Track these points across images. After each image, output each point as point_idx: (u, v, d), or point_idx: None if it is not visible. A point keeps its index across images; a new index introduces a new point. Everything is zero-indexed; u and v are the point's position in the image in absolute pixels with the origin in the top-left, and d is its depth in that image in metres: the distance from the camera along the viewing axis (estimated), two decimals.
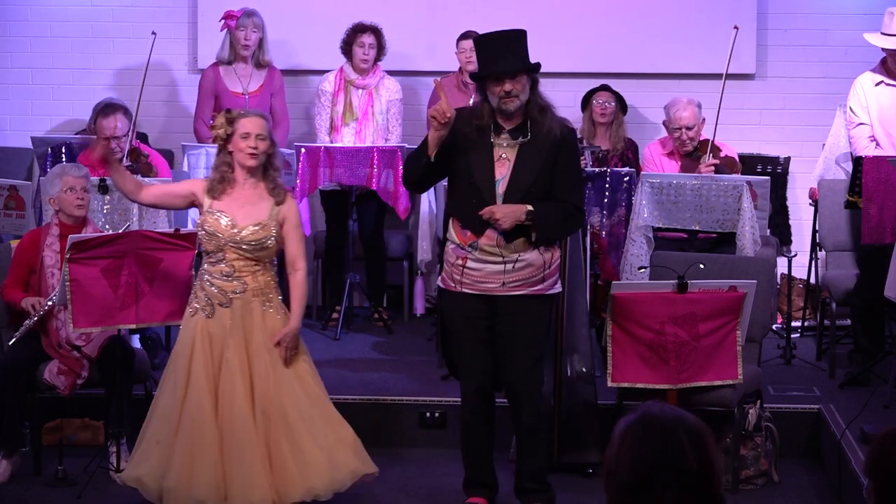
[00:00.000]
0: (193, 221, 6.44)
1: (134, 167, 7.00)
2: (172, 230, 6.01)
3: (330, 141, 7.87)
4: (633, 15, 8.52)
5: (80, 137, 7.56)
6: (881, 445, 2.90)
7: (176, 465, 5.19)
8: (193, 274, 5.60)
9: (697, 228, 6.92)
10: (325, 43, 8.18)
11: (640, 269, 6.63)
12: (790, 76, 8.54)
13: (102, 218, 6.71)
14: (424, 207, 8.12)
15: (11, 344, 5.97)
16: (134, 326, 5.82)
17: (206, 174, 6.35)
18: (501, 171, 5.25)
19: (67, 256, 5.62)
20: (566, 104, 8.33)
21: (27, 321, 5.91)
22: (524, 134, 5.26)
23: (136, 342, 6.52)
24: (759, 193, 6.91)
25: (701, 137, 7.26)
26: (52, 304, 5.86)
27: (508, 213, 5.19)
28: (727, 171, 7.09)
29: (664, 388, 5.62)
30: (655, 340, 5.60)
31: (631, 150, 7.93)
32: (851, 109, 7.09)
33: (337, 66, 8.00)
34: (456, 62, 8.01)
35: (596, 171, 7.05)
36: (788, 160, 8.01)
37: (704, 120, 7.25)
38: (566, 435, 5.99)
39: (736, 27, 7.18)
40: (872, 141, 7.02)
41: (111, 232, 6.18)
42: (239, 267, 5.27)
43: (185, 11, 8.70)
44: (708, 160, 7.08)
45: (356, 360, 7.26)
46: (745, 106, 8.39)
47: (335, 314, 7.86)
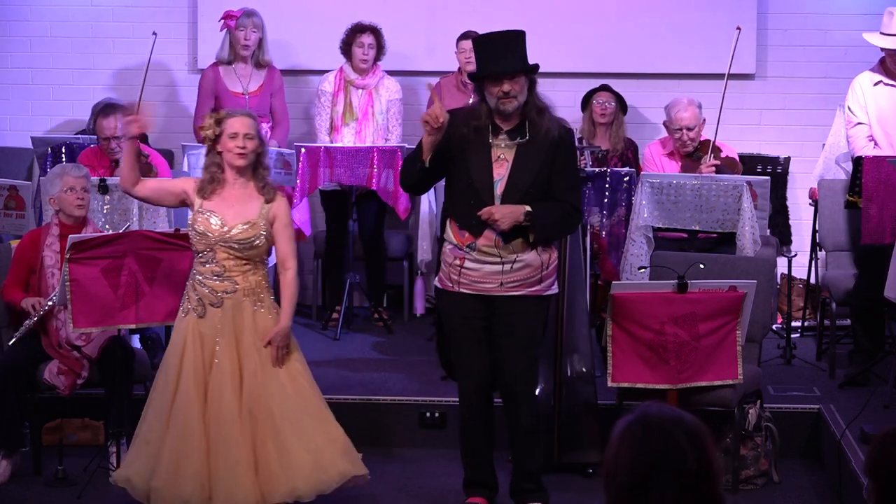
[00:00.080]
0: None
1: None
2: (172, 230, 6.01)
3: (330, 141, 7.87)
4: (632, 15, 8.52)
5: (81, 138, 7.58)
6: (881, 445, 2.91)
7: (163, 464, 5.19)
8: None
9: (697, 228, 6.91)
10: (324, 43, 8.18)
11: (640, 269, 6.63)
12: (790, 76, 8.54)
13: (102, 218, 6.71)
14: (424, 207, 8.12)
15: (11, 344, 5.97)
16: (134, 326, 5.82)
17: None
18: (500, 171, 5.24)
19: (67, 256, 5.62)
20: (566, 104, 8.33)
21: (27, 321, 5.91)
22: (522, 135, 5.25)
23: (136, 342, 6.52)
24: (759, 193, 6.91)
25: (701, 138, 7.26)
26: (52, 304, 5.87)
27: (507, 213, 5.18)
28: (728, 171, 7.08)
29: (664, 388, 5.62)
30: (655, 340, 5.60)
31: (631, 150, 7.93)
32: (850, 109, 7.09)
33: (336, 66, 8.00)
34: (456, 62, 8.01)
35: (596, 171, 7.05)
36: (788, 160, 8.01)
37: (705, 120, 7.24)
38: (566, 435, 5.99)
39: (739, 28, 7.17)
40: (871, 140, 7.01)
41: (111, 232, 6.19)
42: (229, 267, 5.27)
43: (185, 11, 8.70)
44: (709, 161, 7.07)
45: (356, 360, 7.26)
46: (745, 106, 8.39)
47: (335, 314, 7.86)
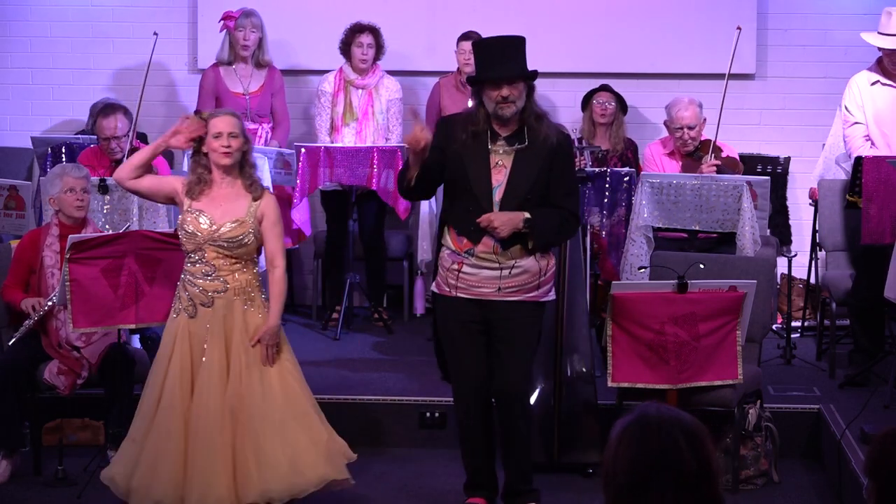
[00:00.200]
0: None
1: None
2: (172, 230, 6.01)
3: (330, 141, 7.87)
4: (633, 15, 8.52)
5: (81, 138, 7.57)
6: (881, 445, 2.91)
7: (142, 464, 5.20)
8: None
9: (697, 228, 6.91)
10: (324, 43, 8.18)
11: (640, 269, 6.62)
12: (790, 76, 8.54)
13: (102, 218, 6.71)
14: (424, 207, 8.11)
15: (11, 344, 5.97)
16: (134, 326, 5.82)
17: None
18: (498, 178, 5.24)
19: (67, 256, 5.62)
20: (566, 104, 8.35)
21: (27, 321, 5.91)
22: (521, 140, 5.24)
23: (136, 342, 6.51)
24: (759, 193, 6.91)
25: (702, 137, 7.26)
26: (52, 304, 5.87)
27: (506, 221, 5.17)
28: (729, 171, 7.08)
29: (664, 388, 5.62)
30: (655, 340, 5.60)
31: (630, 150, 7.93)
32: (847, 108, 7.09)
33: (336, 66, 7.99)
34: (455, 62, 8.01)
35: (596, 171, 7.05)
36: (788, 160, 8.00)
37: (706, 120, 7.25)
38: (566, 435, 5.99)
39: (739, 28, 7.17)
40: (867, 140, 7.01)
41: (111, 232, 6.19)
42: (219, 266, 5.26)
43: (185, 11, 8.70)
44: (710, 160, 7.07)
45: (356, 360, 7.26)
46: (745, 106, 8.38)
47: (335, 314, 7.85)
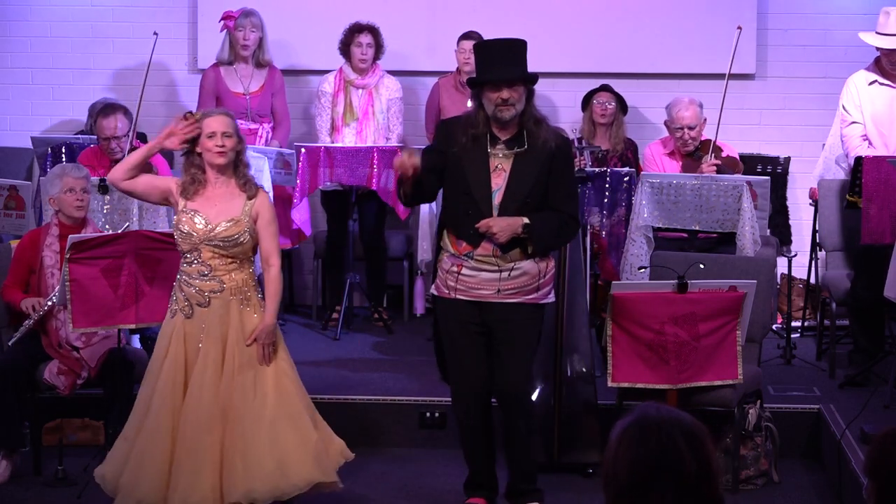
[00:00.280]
0: None
1: None
2: (172, 230, 6.00)
3: (331, 142, 7.87)
4: (633, 15, 8.51)
5: (81, 138, 7.57)
6: (881, 445, 2.91)
7: (131, 463, 5.21)
8: None
9: (697, 228, 6.91)
10: (324, 43, 8.18)
11: (640, 269, 6.62)
12: (790, 76, 8.54)
13: (102, 218, 6.71)
14: (424, 208, 8.10)
15: (11, 344, 5.97)
16: (134, 326, 5.83)
17: None
18: (497, 181, 5.24)
19: (67, 256, 5.62)
20: (566, 104, 8.35)
21: (27, 321, 5.91)
22: (520, 144, 5.25)
23: (136, 342, 6.51)
24: (759, 193, 6.90)
25: (702, 137, 7.26)
26: (51, 304, 5.87)
27: (505, 226, 5.17)
28: (729, 171, 7.08)
29: (664, 388, 5.62)
30: (655, 340, 5.60)
31: (630, 150, 7.93)
32: (844, 108, 7.09)
33: (336, 66, 8.00)
34: (455, 62, 8.01)
35: (596, 171, 7.05)
36: (788, 160, 8.00)
37: (706, 120, 7.25)
38: (566, 435, 5.99)
39: (739, 27, 7.17)
40: (865, 140, 7.01)
41: (111, 232, 6.19)
42: (215, 266, 5.26)
43: (184, 11, 8.70)
44: (710, 160, 7.07)
45: (356, 360, 7.26)
46: (745, 106, 8.38)
47: (335, 314, 7.85)
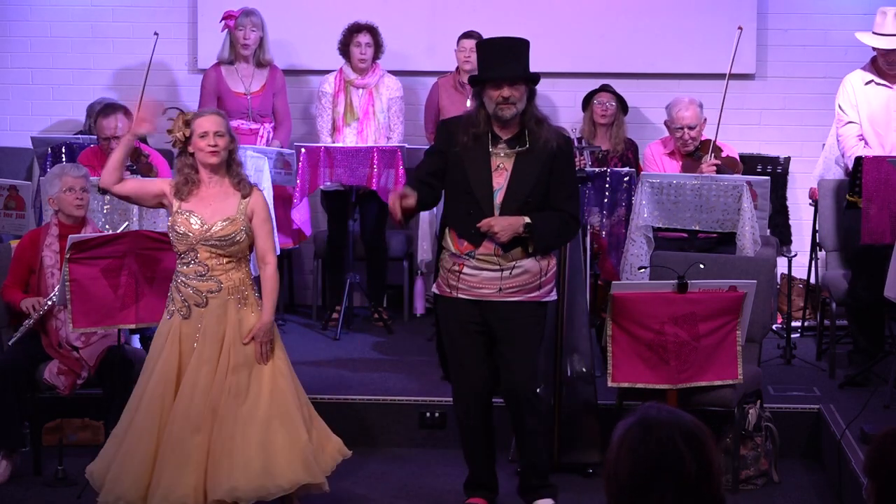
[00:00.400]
0: None
1: (134, 167, 7.00)
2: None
3: (332, 142, 7.87)
4: (633, 15, 8.51)
5: (81, 138, 7.57)
6: (881, 445, 2.90)
7: (116, 461, 5.21)
8: None
9: (697, 228, 6.91)
10: (324, 43, 8.18)
11: (640, 269, 6.62)
12: (790, 76, 8.54)
13: (102, 218, 6.71)
14: None
15: (11, 344, 5.97)
16: (134, 326, 5.83)
17: None
18: (499, 181, 5.24)
19: (67, 256, 5.62)
20: (566, 104, 8.35)
21: (27, 321, 5.91)
22: (522, 143, 5.25)
23: (136, 342, 6.52)
24: (759, 193, 6.90)
25: (702, 137, 7.26)
26: (51, 303, 5.87)
27: (507, 226, 5.18)
28: (728, 171, 7.09)
29: (664, 388, 5.62)
30: (655, 340, 5.60)
31: (631, 150, 7.92)
32: (840, 107, 7.08)
33: (337, 66, 8.00)
34: (455, 62, 8.01)
35: (596, 171, 7.05)
36: (788, 160, 8.00)
37: (706, 120, 7.25)
38: (566, 435, 5.99)
39: (740, 28, 7.17)
40: (861, 140, 7.01)
41: (111, 232, 6.19)
42: (212, 266, 5.26)
43: (185, 11, 8.70)
44: (710, 160, 7.07)
45: (356, 360, 7.26)
46: (745, 106, 8.38)
47: (335, 314, 7.85)
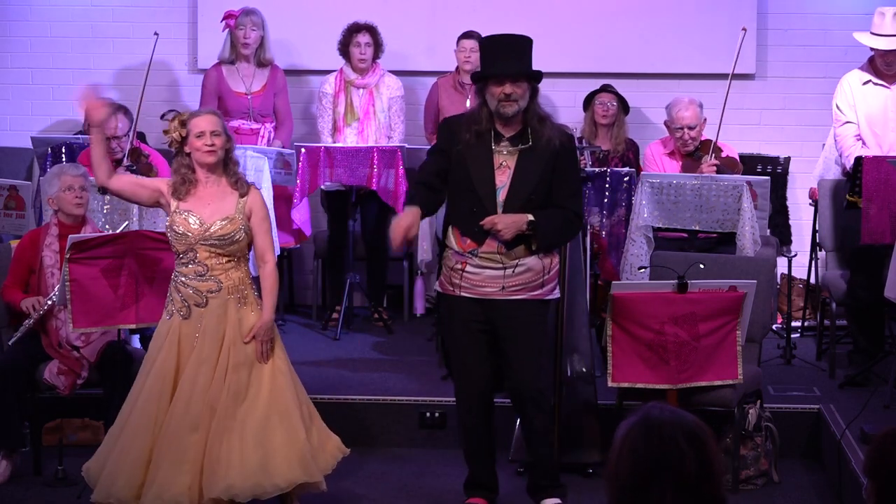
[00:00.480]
0: None
1: (134, 167, 7.00)
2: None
3: (333, 143, 7.86)
4: (633, 15, 8.51)
5: (81, 138, 7.57)
6: (881, 445, 2.91)
7: (111, 460, 5.21)
8: None
9: (697, 228, 6.92)
10: (324, 43, 8.17)
11: (640, 269, 6.63)
12: (790, 76, 8.54)
13: (102, 218, 6.71)
14: None
15: (11, 344, 5.97)
16: (134, 326, 5.83)
17: None
18: (502, 179, 5.24)
19: (67, 256, 5.62)
20: (566, 104, 8.35)
21: (27, 321, 5.92)
22: (524, 141, 5.26)
23: (136, 342, 6.52)
24: (759, 193, 6.91)
25: (702, 137, 7.27)
26: (51, 303, 5.87)
27: (510, 223, 5.18)
28: (728, 171, 7.09)
29: (664, 388, 5.62)
30: (655, 340, 5.60)
31: (632, 151, 7.92)
32: (838, 107, 7.08)
33: (337, 66, 7.99)
34: (455, 62, 8.01)
35: (596, 171, 7.05)
36: (788, 160, 8.01)
37: (706, 120, 7.25)
38: (566, 435, 5.98)
39: (744, 29, 7.17)
40: (858, 140, 7.01)
41: (111, 232, 6.19)
42: (212, 265, 5.26)
43: (185, 11, 8.70)
44: (710, 160, 7.07)
45: (356, 360, 7.26)
46: (745, 106, 8.38)
47: (335, 314, 7.85)
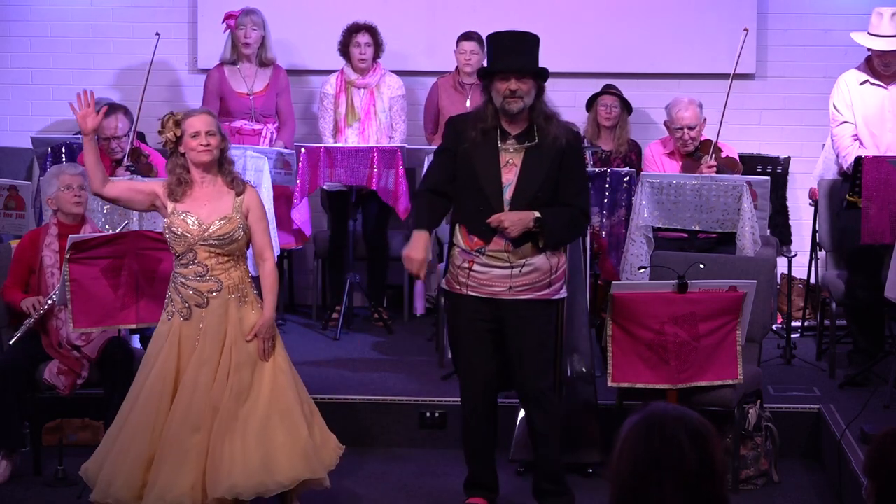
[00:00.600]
0: None
1: (134, 167, 7.00)
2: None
3: (334, 143, 7.86)
4: (633, 15, 8.52)
5: (81, 138, 7.56)
6: (881, 445, 2.91)
7: (109, 461, 5.21)
8: None
9: (697, 228, 6.92)
10: (325, 43, 8.18)
11: (640, 269, 6.63)
12: (790, 76, 8.54)
13: (102, 218, 6.71)
14: None
15: (11, 344, 5.97)
16: (134, 326, 5.83)
17: None
18: (508, 176, 5.25)
19: (67, 256, 5.62)
20: (566, 104, 8.31)
21: (27, 321, 5.91)
22: (531, 139, 5.26)
23: (136, 342, 6.51)
24: (759, 193, 6.91)
25: (702, 137, 7.27)
26: (51, 303, 5.87)
27: (517, 220, 5.19)
28: (728, 171, 7.09)
29: (664, 388, 5.62)
30: (655, 340, 5.60)
31: (634, 152, 7.92)
32: (835, 107, 7.08)
33: (337, 66, 8.00)
34: (455, 62, 8.01)
35: (596, 171, 7.05)
36: (788, 160, 8.01)
37: (706, 120, 7.25)
38: (566, 435, 5.97)
39: (746, 29, 7.18)
40: (856, 140, 7.00)
41: (111, 232, 6.19)
42: (212, 265, 5.26)
43: (185, 11, 8.70)
44: (709, 160, 7.08)
45: (356, 360, 7.26)
46: (745, 106, 8.38)
47: (335, 314, 7.86)
